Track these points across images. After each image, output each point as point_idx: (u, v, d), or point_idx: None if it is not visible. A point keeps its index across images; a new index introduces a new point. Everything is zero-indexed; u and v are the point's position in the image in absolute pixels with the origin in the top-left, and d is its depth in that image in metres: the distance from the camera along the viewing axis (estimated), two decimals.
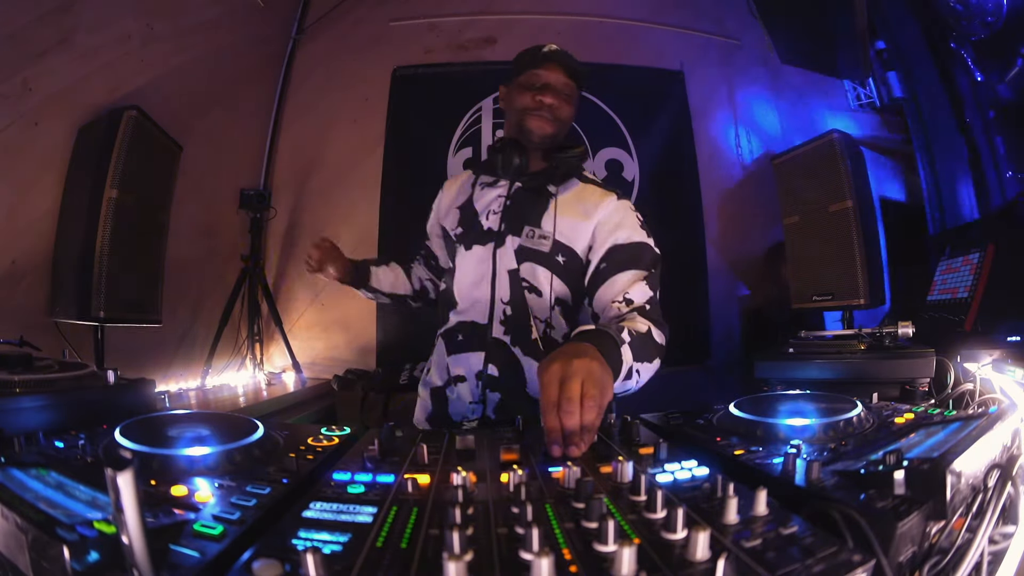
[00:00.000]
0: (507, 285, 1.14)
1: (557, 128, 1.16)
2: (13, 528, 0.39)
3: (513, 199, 1.18)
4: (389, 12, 3.03)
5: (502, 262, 1.15)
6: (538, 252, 1.13)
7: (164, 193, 2.00)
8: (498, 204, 1.18)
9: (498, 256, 1.15)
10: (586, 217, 1.13)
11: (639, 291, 1.02)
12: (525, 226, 1.15)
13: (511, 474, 0.52)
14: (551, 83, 1.14)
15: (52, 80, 1.72)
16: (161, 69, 2.14)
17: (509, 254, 1.15)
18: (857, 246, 1.76)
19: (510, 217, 1.17)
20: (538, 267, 1.14)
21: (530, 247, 1.14)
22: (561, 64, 1.15)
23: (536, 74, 1.14)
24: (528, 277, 1.14)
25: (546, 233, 1.13)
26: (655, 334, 0.93)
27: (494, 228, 1.17)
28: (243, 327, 2.69)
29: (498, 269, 1.15)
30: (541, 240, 1.13)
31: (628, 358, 0.84)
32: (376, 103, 2.94)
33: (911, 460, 0.48)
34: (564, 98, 1.15)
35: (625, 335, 0.85)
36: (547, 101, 1.13)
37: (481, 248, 1.17)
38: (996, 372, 0.92)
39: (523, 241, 1.14)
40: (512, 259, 1.15)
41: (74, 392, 0.79)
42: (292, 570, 0.34)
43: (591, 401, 0.66)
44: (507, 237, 1.15)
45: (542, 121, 1.14)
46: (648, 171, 2.96)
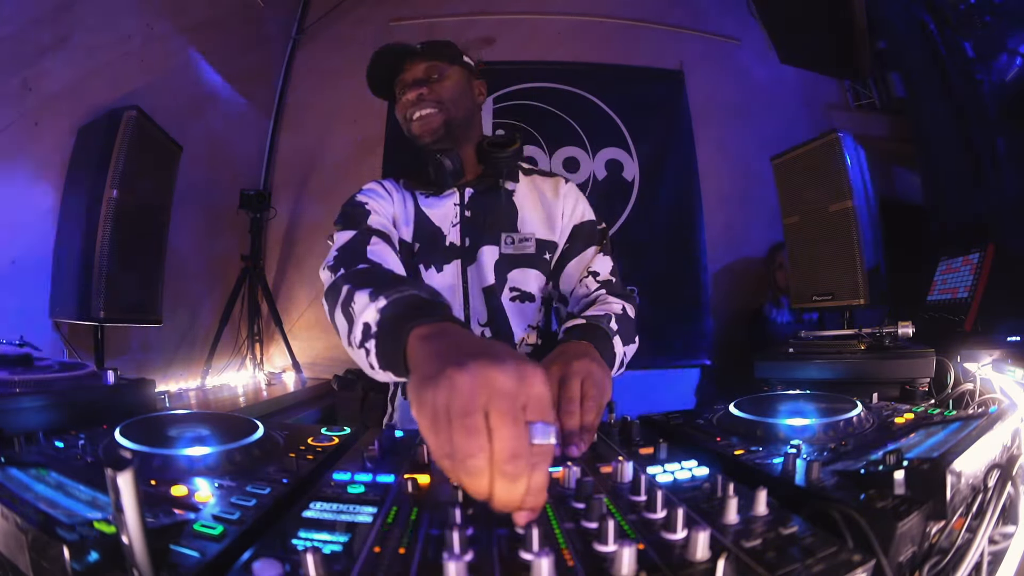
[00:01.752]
0: (482, 305, 1.06)
1: (444, 115, 1.04)
2: (13, 528, 0.39)
3: (471, 207, 1.09)
4: (389, 12, 3.03)
5: (475, 280, 1.07)
6: (526, 256, 1.08)
7: (164, 193, 1.99)
8: (455, 215, 1.09)
9: (469, 275, 1.07)
10: (551, 208, 1.11)
11: (601, 263, 1.06)
12: (502, 233, 1.08)
13: None
14: (414, 77, 1.05)
15: (52, 80, 1.73)
16: (161, 69, 2.14)
17: (484, 269, 1.06)
18: (857, 246, 1.76)
19: (475, 227, 1.08)
20: (530, 271, 1.08)
21: (516, 253, 1.07)
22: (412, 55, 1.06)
23: (399, 80, 1.07)
24: (519, 284, 1.07)
25: (527, 235, 1.08)
26: (628, 311, 0.97)
27: (457, 243, 1.07)
28: (243, 327, 2.69)
29: (471, 289, 1.07)
30: (524, 243, 1.08)
31: (619, 349, 0.88)
32: (376, 103, 2.92)
33: (911, 460, 0.48)
34: (433, 82, 1.04)
35: (613, 324, 0.88)
36: (410, 97, 1.03)
37: (448, 267, 1.07)
38: (996, 372, 0.92)
39: (504, 249, 1.07)
40: (489, 274, 1.06)
41: (74, 392, 0.79)
42: (292, 570, 0.34)
43: (591, 402, 0.67)
44: (480, 250, 1.06)
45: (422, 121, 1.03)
46: (648, 171, 2.96)
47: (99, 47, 1.87)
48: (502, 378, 0.41)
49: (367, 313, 0.64)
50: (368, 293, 0.65)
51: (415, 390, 0.44)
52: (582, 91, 2.94)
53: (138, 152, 1.77)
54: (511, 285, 1.07)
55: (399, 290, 0.63)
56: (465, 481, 0.40)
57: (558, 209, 1.10)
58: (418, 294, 0.63)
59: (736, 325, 2.94)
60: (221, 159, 2.67)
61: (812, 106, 3.16)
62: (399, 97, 1.08)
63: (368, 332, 0.63)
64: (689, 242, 2.95)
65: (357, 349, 0.66)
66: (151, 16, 2.06)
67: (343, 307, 0.70)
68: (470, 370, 0.41)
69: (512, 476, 0.39)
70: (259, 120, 2.99)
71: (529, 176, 1.15)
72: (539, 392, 0.42)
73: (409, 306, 0.60)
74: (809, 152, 1.95)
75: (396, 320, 0.59)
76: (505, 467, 0.39)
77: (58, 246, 1.78)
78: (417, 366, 0.50)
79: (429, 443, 0.42)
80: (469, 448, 0.39)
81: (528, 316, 1.09)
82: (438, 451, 0.42)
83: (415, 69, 1.06)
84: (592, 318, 0.88)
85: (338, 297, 0.72)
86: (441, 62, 1.07)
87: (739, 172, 3.02)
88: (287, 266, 3.01)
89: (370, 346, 0.63)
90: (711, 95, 3.06)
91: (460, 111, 1.07)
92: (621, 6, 3.06)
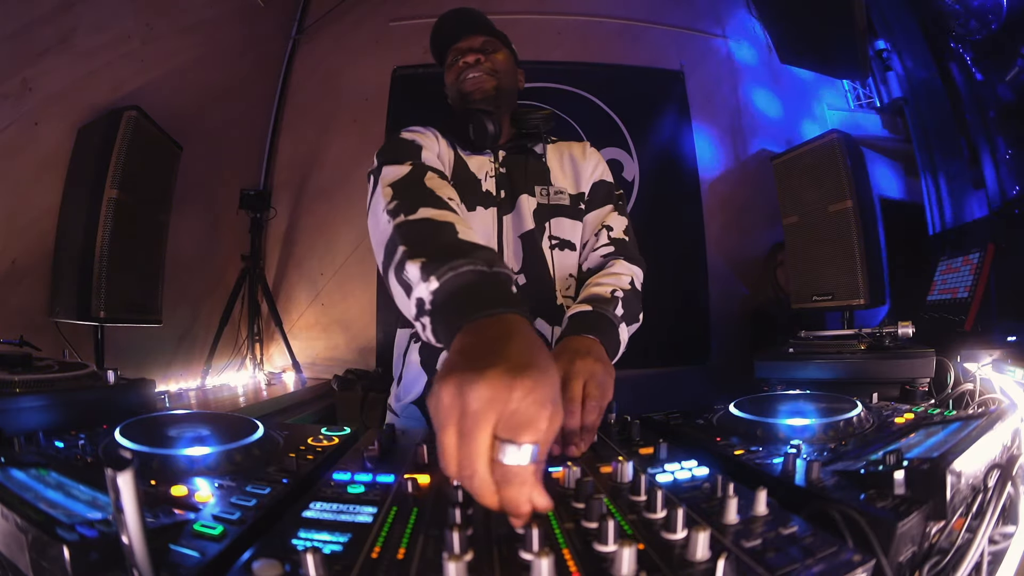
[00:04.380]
0: (518, 251, 1.08)
1: (496, 80, 1.11)
2: (13, 528, 0.39)
3: (505, 166, 1.14)
4: (389, 12, 3.03)
5: (511, 227, 1.09)
6: (562, 206, 1.12)
7: (164, 193, 2.00)
8: (491, 170, 1.13)
9: (505, 222, 1.09)
10: (579, 167, 1.16)
11: (616, 219, 1.11)
12: (536, 186, 1.12)
13: None
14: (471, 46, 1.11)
15: (52, 80, 1.72)
16: (161, 69, 2.14)
17: (522, 217, 1.09)
18: (857, 246, 1.76)
19: (511, 182, 1.12)
20: (566, 220, 1.11)
21: (553, 203, 1.11)
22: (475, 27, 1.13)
23: (455, 48, 1.13)
24: (558, 233, 1.10)
25: (561, 188, 1.13)
26: (636, 281, 0.99)
27: (493, 192, 1.10)
28: (243, 327, 2.69)
29: (505, 235, 1.08)
30: (559, 195, 1.12)
31: (624, 335, 0.89)
32: (376, 103, 2.94)
33: (911, 460, 0.48)
34: (489, 53, 1.12)
35: (619, 309, 0.89)
36: (470, 59, 1.09)
37: (484, 211, 1.09)
38: (996, 372, 0.92)
39: (541, 199, 1.11)
40: (528, 221, 1.09)
41: (74, 392, 0.79)
42: (292, 570, 0.34)
43: (592, 402, 0.67)
44: (519, 199, 1.10)
45: (476, 80, 1.09)
46: (648, 171, 2.96)
47: (99, 47, 1.87)
48: (473, 395, 0.41)
49: (419, 289, 0.60)
50: (420, 266, 0.61)
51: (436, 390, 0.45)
52: (582, 91, 2.94)
53: (138, 152, 1.77)
54: (551, 232, 1.10)
55: (452, 267, 0.59)
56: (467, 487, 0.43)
57: (584, 167, 1.16)
58: (473, 269, 0.59)
59: (736, 325, 2.94)
60: (221, 159, 2.66)
61: (812, 106, 3.16)
62: (452, 62, 1.13)
63: (422, 308, 0.60)
64: (689, 242, 2.95)
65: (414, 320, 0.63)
66: (151, 16, 2.05)
67: (396, 272, 0.66)
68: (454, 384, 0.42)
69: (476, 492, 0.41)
70: (259, 120, 2.99)
71: (556, 144, 1.20)
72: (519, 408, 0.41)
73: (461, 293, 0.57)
74: (809, 152, 1.95)
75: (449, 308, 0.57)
76: (466, 484, 0.42)
77: (58, 246, 1.77)
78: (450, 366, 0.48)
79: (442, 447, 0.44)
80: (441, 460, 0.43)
81: (569, 264, 1.11)
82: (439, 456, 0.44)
83: (473, 40, 1.12)
84: (599, 304, 0.88)
85: (393, 257, 0.67)
86: (497, 40, 1.15)
87: (739, 172, 3.02)
88: (287, 266, 3.01)
89: (425, 322, 0.61)
90: (711, 95, 3.06)
91: (508, 83, 1.14)
92: (621, 6, 3.06)
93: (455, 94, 1.13)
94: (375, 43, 3.02)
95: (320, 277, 2.91)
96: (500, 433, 0.41)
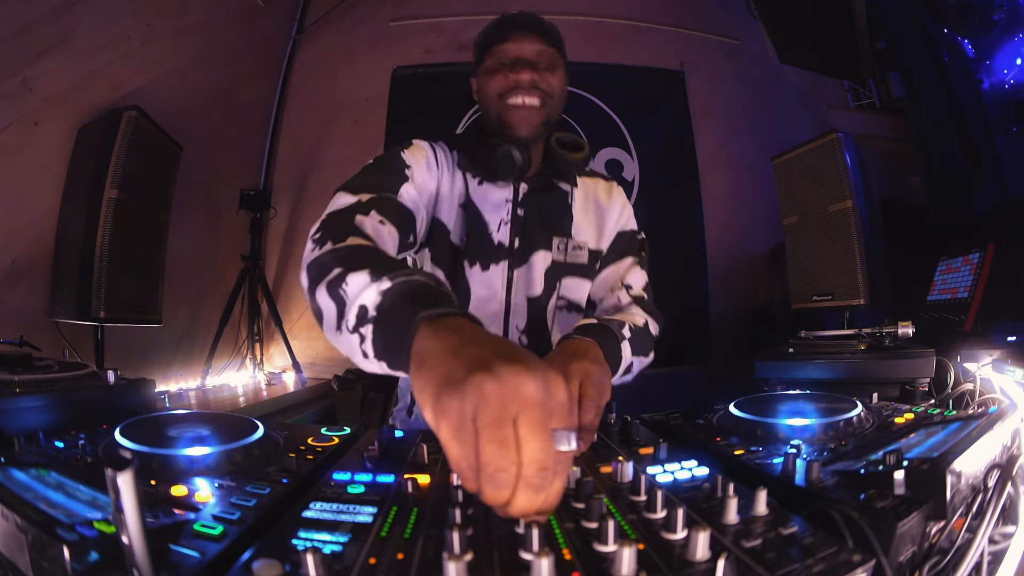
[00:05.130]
0: (524, 312, 1.00)
1: (547, 111, 0.95)
2: (13, 528, 0.39)
3: (525, 206, 1.01)
4: (389, 12, 3.03)
5: (521, 286, 1.00)
6: (579, 265, 1.01)
7: (164, 193, 2.00)
8: (506, 212, 1.00)
9: (516, 279, 0.99)
10: (604, 214, 1.06)
11: (636, 276, 1.02)
12: (555, 237, 1.00)
13: None
14: (524, 55, 0.93)
15: (52, 80, 1.72)
16: (161, 69, 2.14)
17: (535, 276, 1.00)
18: (857, 246, 1.76)
19: (527, 228, 1.00)
20: (582, 281, 1.02)
21: (569, 261, 1.01)
22: (533, 30, 0.94)
23: (503, 50, 0.94)
24: (569, 293, 1.01)
25: (581, 243, 1.02)
26: (651, 327, 0.94)
27: (505, 243, 0.99)
28: (243, 327, 2.69)
29: (515, 295, 1.00)
30: (577, 251, 1.01)
31: (627, 354, 0.84)
32: (376, 103, 2.94)
33: (911, 460, 0.48)
34: (545, 69, 0.94)
35: (626, 331, 0.85)
36: (524, 78, 0.91)
37: (495, 267, 0.99)
38: (996, 372, 0.92)
39: (557, 255, 1.01)
40: (538, 282, 1.00)
41: (74, 392, 0.79)
42: (292, 570, 0.34)
43: (589, 402, 0.66)
44: (534, 255, 1.00)
45: (526, 111, 0.93)
46: (648, 171, 2.96)
47: (99, 47, 1.87)
48: (532, 387, 0.38)
49: (366, 295, 0.55)
50: (367, 273, 0.57)
51: (433, 395, 0.41)
52: (582, 91, 2.94)
53: (138, 152, 1.77)
54: (561, 292, 1.01)
55: (404, 273, 0.56)
56: (488, 491, 0.38)
57: (609, 214, 1.06)
58: (424, 280, 0.55)
59: (736, 325, 2.94)
60: (221, 159, 2.66)
61: (812, 106, 3.16)
62: (495, 68, 0.95)
63: (364, 316, 0.55)
64: (689, 242, 2.95)
65: (349, 334, 0.57)
66: (151, 16, 2.05)
67: (329, 287, 0.60)
68: (500, 377, 0.38)
69: (537, 487, 0.38)
70: (259, 120, 2.99)
71: (582, 179, 1.09)
72: (563, 399, 0.40)
73: (416, 293, 0.53)
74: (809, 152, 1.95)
75: (403, 306, 0.52)
76: (533, 479, 0.37)
77: (58, 246, 1.78)
78: (429, 362, 0.44)
79: (450, 452, 0.39)
80: (499, 461, 0.37)
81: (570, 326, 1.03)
82: (461, 462, 0.39)
83: (528, 45, 0.93)
84: (606, 320, 0.85)
85: (324, 275, 0.62)
86: (557, 51, 0.97)
87: (739, 172, 3.02)
88: (287, 266, 3.01)
89: (366, 332, 0.55)
90: (711, 95, 3.06)
91: (557, 112, 0.99)
92: (621, 6, 3.06)
93: (494, 116, 0.97)
94: (375, 43, 3.02)
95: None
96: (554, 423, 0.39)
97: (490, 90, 0.96)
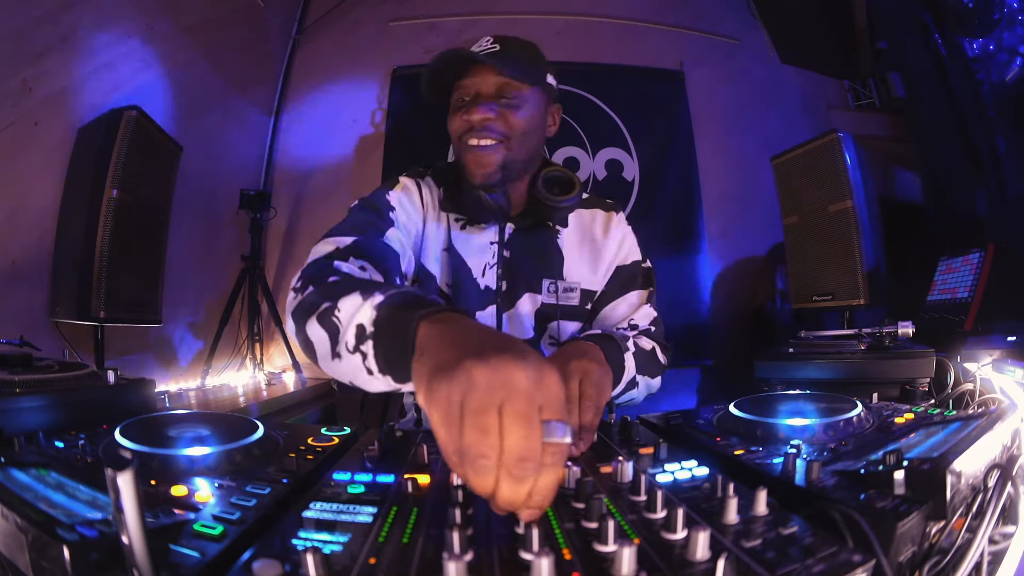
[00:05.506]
0: None
1: (505, 155, 0.88)
2: (13, 528, 0.39)
3: (511, 247, 0.97)
4: (389, 12, 3.03)
5: (511, 330, 0.97)
6: (570, 308, 0.98)
7: (164, 193, 1.99)
8: (492, 254, 0.97)
9: (505, 323, 0.97)
10: (599, 250, 1.00)
11: (643, 315, 0.97)
12: (544, 279, 0.97)
13: None
14: (483, 90, 0.87)
15: (52, 80, 1.72)
16: (161, 69, 2.14)
17: (524, 321, 0.97)
18: (857, 246, 1.76)
19: (514, 271, 0.97)
20: (570, 324, 0.98)
21: (561, 304, 0.97)
22: (494, 59, 0.85)
23: (462, 85, 0.89)
24: (560, 338, 0.98)
25: (572, 285, 0.98)
26: (659, 354, 0.92)
27: (492, 287, 0.96)
28: (243, 327, 2.68)
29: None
30: (568, 294, 0.97)
31: (631, 367, 0.83)
32: (376, 103, 2.95)
33: (911, 460, 0.48)
34: (505, 105, 0.87)
35: (630, 344, 0.85)
36: (476, 119, 0.85)
37: (482, 313, 0.96)
38: (996, 372, 0.92)
39: (546, 298, 0.97)
40: (528, 324, 0.97)
41: (74, 392, 0.79)
42: (292, 570, 0.34)
43: (588, 401, 0.67)
44: (520, 299, 0.97)
45: (480, 154, 0.87)
46: (648, 171, 2.96)
47: (99, 47, 1.87)
48: (521, 376, 0.38)
49: (361, 314, 0.56)
50: (358, 295, 0.58)
51: (427, 379, 0.41)
52: (582, 91, 2.94)
53: (138, 152, 1.77)
54: (551, 334, 0.99)
55: (396, 287, 0.57)
56: (471, 478, 0.39)
57: (605, 250, 1.00)
58: (419, 292, 0.56)
59: (736, 325, 2.94)
60: (221, 159, 2.66)
61: (812, 106, 3.16)
62: (457, 105, 0.90)
63: (363, 334, 0.55)
64: (689, 242, 2.95)
65: (351, 354, 0.57)
66: (151, 16, 2.06)
67: (320, 319, 0.60)
68: (490, 364, 0.38)
69: (518, 478, 0.38)
70: (259, 120, 2.99)
71: (579, 211, 1.02)
72: (556, 392, 0.40)
73: (411, 300, 0.54)
74: (809, 152, 1.95)
75: (401, 313, 0.52)
76: (513, 469, 0.37)
77: (58, 246, 1.77)
78: (427, 351, 0.44)
79: (439, 436, 0.40)
80: (480, 447, 0.37)
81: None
82: (448, 445, 0.39)
83: (484, 79, 0.87)
84: (609, 331, 0.84)
85: (312, 312, 0.62)
86: (521, 82, 0.88)
87: (739, 172, 3.02)
88: (287, 266, 3.01)
89: (367, 348, 0.55)
90: (711, 95, 3.06)
91: (524, 151, 0.91)
92: (621, 6, 3.06)
93: (457, 154, 0.93)
94: (375, 43, 3.02)
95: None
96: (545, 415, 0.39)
97: (452, 131, 0.92)
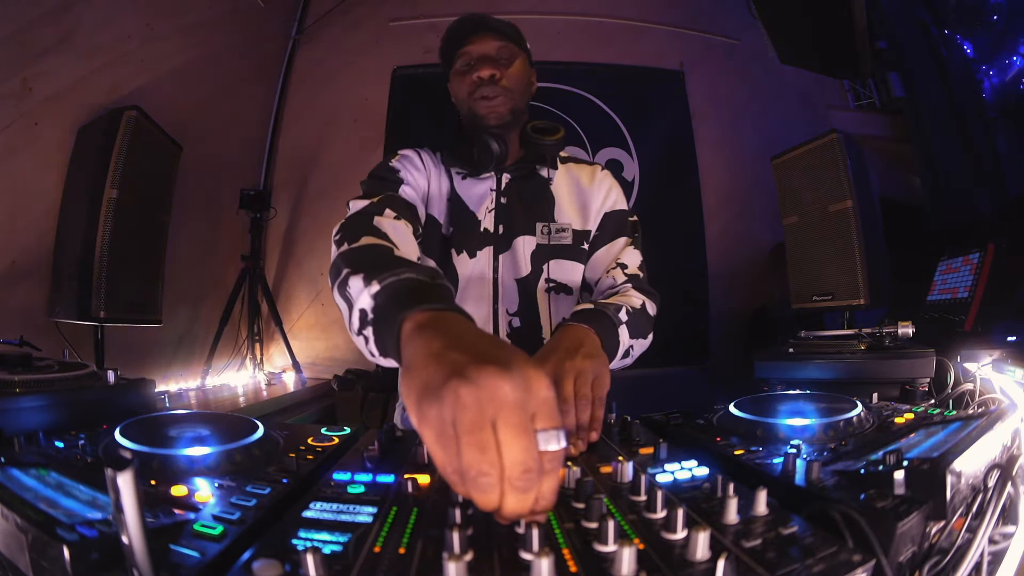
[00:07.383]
0: (515, 294, 1.05)
1: (511, 102, 1.03)
2: (13, 528, 0.39)
3: (507, 194, 1.08)
4: (389, 12, 3.03)
5: (508, 268, 1.05)
6: (563, 247, 1.06)
7: (164, 193, 2.00)
8: (490, 200, 1.07)
9: (502, 262, 1.05)
10: (587, 196, 1.10)
11: (631, 256, 1.05)
12: (537, 223, 1.06)
13: None
14: (486, 53, 1.01)
15: (52, 80, 1.73)
16: (161, 69, 2.14)
17: (520, 258, 1.05)
18: (857, 246, 1.76)
19: (511, 215, 1.06)
20: (567, 263, 1.06)
21: (553, 244, 1.06)
22: (488, 29, 1.02)
23: (465, 52, 1.03)
24: (557, 276, 1.06)
25: (564, 225, 1.07)
26: (648, 307, 0.96)
27: (490, 229, 1.06)
28: (243, 327, 2.69)
29: (502, 278, 1.05)
30: (561, 234, 1.06)
31: (625, 339, 0.87)
32: (376, 103, 2.94)
33: (911, 460, 0.48)
34: (504, 64, 1.02)
35: (623, 314, 0.87)
36: (485, 75, 1.00)
37: (481, 253, 1.05)
38: (996, 372, 0.92)
39: (541, 239, 1.06)
40: (524, 264, 1.05)
41: (74, 392, 0.79)
42: (292, 570, 0.34)
43: (584, 400, 0.68)
44: (516, 239, 1.06)
45: (491, 102, 1.01)
46: (648, 171, 2.96)
47: (99, 47, 1.87)
48: (509, 388, 0.38)
49: (362, 299, 0.60)
50: (362, 278, 0.62)
51: (415, 401, 0.41)
52: (582, 91, 2.95)
53: (138, 152, 1.77)
54: (548, 276, 1.05)
55: (395, 273, 0.59)
56: (475, 496, 0.38)
57: (593, 197, 1.10)
58: (415, 276, 0.58)
59: (736, 325, 2.94)
60: (221, 159, 2.67)
61: (812, 106, 3.16)
62: (463, 69, 1.03)
63: (365, 319, 0.60)
64: (689, 242, 2.95)
65: (357, 336, 0.64)
66: (151, 16, 2.06)
67: (340, 289, 0.67)
68: (475, 382, 0.38)
69: (523, 489, 0.37)
70: (259, 120, 2.99)
71: (566, 165, 1.14)
72: (545, 397, 0.39)
73: (403, 292, 0.56)
74: (809, 152, 1.95)
75: (390, 308, 0.55)
76: (517, 482, 0.37)
77: (58, 246, 1.77)
78: (413, 366, 0.44)
79: (435, 457, 0.39)
80: (480, 466, 0.37)
81: (564, 309, 1.06)
82: (446, 466, 0.39)
83: (486, 44, 1.02)
84: (602, 305, 0.87)
85: (336, 277, 0.70)
86: (513, 44, 1.04)
87: (739, 172, 3.02)
88: (287, 266, 3.01)
89: (368, 333, 0.60)
90: (711, 95, 3.06)
91: (523, 100, 1.06)
92: (621, 6, 3.06)
93: (466, 111, 1.05)
94: (375, 43, 3.02)
95: (320, 277, 2.92)
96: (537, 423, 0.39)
97: (461, 89, 1.05)
